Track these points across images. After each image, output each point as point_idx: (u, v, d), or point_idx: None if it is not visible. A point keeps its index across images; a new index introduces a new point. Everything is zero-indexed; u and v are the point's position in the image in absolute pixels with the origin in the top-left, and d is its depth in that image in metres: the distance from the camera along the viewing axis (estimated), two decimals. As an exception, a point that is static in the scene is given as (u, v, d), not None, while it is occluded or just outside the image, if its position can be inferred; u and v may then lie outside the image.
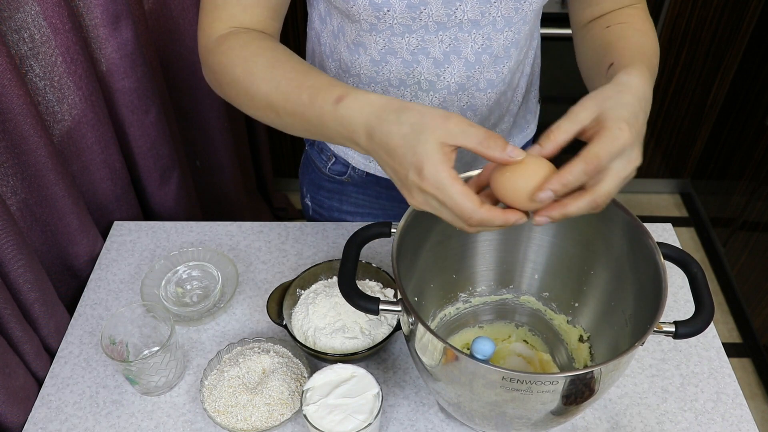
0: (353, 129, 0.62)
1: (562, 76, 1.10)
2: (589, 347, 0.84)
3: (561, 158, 0.61)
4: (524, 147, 1.07)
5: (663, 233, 1.06)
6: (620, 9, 0.84)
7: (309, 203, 1.14)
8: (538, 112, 1.07)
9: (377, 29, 0.81)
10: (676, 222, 2.35)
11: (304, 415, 0.74)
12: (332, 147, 1.03)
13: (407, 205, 0.74)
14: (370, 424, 0.74)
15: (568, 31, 0.90)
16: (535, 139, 1.10)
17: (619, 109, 0.60)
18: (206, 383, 0.84)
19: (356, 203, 1.08)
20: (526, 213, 0.61)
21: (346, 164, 1.03)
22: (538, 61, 0.99)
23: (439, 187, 0.57)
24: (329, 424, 0.74)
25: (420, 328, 0.66)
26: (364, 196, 1.07)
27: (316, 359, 0.88)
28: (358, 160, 1.01)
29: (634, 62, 0.70)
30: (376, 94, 0.63)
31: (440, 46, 0.82)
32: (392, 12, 0.78)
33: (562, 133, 0.60)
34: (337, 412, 0.75)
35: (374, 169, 1.01)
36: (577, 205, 0.59)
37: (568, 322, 0.87)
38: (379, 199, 1.07)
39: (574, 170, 0.58)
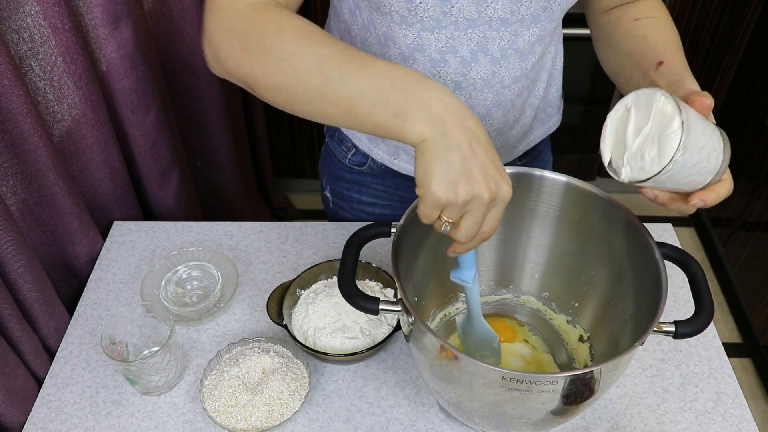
0: (438, 97, 0.60)
1: (566, 75, 1.11)
2: (589, 347, 0.84)
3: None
4: (544, 140, 1.07)
5: (663, 233, 1.06)
6: (639, 0, 0.86)
7: (329, 196, 1.13)
8: (561, 107, 1.06)
9: (408, 22, 0.80)
10: (676, 222, 2.35)
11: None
12: (352, 138, 1.03)
13: None
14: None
15: (573, 31, 0.90)
16: (557, 132, 1.09)
17: None
18: (206, 383, 0.84)
19: (375, 194, 1.08)
20: None
21: (366, 155, 1.03)
22: (560, 55, 0.99)
23: (501, 197, 0.61)
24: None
25: (420, 328, 0.66)
26: (383, 187, 1.07)
27: (316, 359, 0.88)
28: (378, 153, 1.01)
29: (687, 71, 0.75)
30: None
31: (468, 45, 0.82)
32: (424, 4, 0.77)
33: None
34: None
35: (397, 165, 1.01)
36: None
37: (568, 322, 0.87)
38: (398, 191, 1.07)
39: (724, 192, 0.67)
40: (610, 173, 0.65)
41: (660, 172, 0.60)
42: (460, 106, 0.60)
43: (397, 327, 0.87)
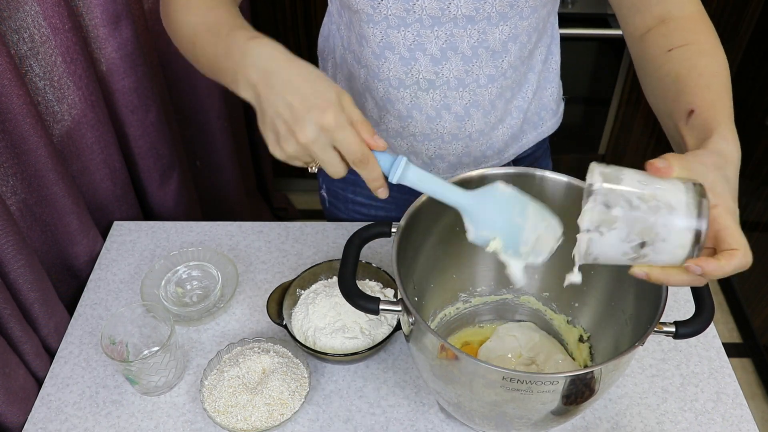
0: (253, 63, 0.65)
1: (561, 76, 1.12)
2: (589, 347, 0.84)
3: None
4: (540, 144, 1.07)
5: (663, 233, 1.06)
6: (677, 18, 0.76)
7: (325, 195, 1.14)
8: (560, 111, 1.06)
9: (374, 20, 0.82)
10: (676, 222, 2.34)
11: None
12: None
13: None
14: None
15: (568, 31, 0.89)
16: (552, 137, 1.09)
17: (727, 187, 0.59)
18: (206, 383, 0.84)
19: (369, 195, 1.08)
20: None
21: None
22: (555, 58, 0.98)
23: (339, 124, 0.62)
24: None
25: (420, 328, 0.66)
26: None
27: (316, 359, 0.88)
28: None
29: (721, 119, 0.65)
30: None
31: (436, 42, 0.82)
32: (386, 2, 0.79)
33: (683, 161, 0.58)
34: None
35: None
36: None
37: (568, 322, 0.87)
38: (391, 192, 1.07)
39: (731, 265, 0.56)
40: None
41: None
42: (270, 66, 0.64)
43: (397, 327, 0.87)
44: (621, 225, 0.56)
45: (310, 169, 0.68)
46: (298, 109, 0.62)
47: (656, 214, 0.55)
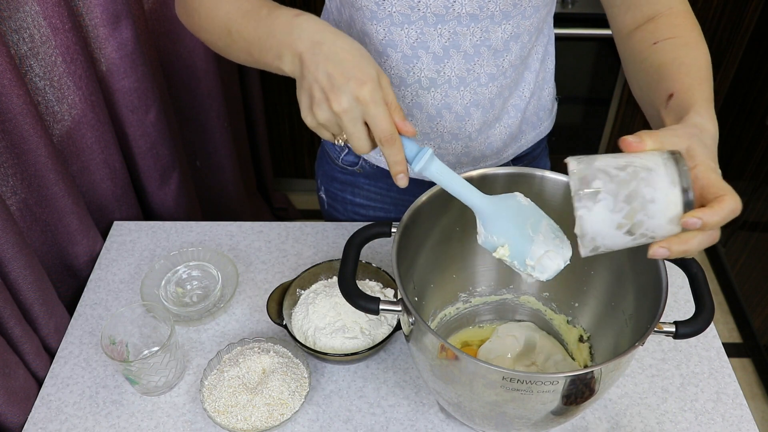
0: (299, 36, 0.67)
1: (561, 76, 1.12)
2: (589, 347, 0.84)
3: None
4: (538, 144, 1.07)
5: (663, 233, 1.06)
6: (665, 15, 0.79)
7: (324, 197, 1.14)
8: (554, 111, 1.06)
9: (377, 17, 0.82)
10: (676, 222, 2.34)
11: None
12: None
13: None
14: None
15: (568, 31, 0.89)
16: (551, 138, 1.09)
17: (705, 150, 0.60)
18: (206, 383, 0.84)
19: (368, 196, 1.08)
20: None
21: (358, 155, 1.03)
22: (551, 58, 0.99)
23: (375, 99, 0.63)
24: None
25: (420, 328, 0.66)
26: (375, 188, 1.07)
27: (316, 359, 0.89)
28: (370, 154, 1.01)
29: (698, 99, 0.67)
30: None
31: (439, 40, 0.83)
32: None
33: (655, 136, 0.59)
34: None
35: (385, 164, 1.01)
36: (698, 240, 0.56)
37: (568, 322, 0.87)
38: (390, 192, 1.07)
39: (724, 210, 0.55)
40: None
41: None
42: (317, 37, 0.66)
43: (397, 327, 0.87)
44: (605, 195, 0.55)
45: (336, 142, 0.69)
46: (337, 78, 0.64)
47: (636, 178, 0.55)
